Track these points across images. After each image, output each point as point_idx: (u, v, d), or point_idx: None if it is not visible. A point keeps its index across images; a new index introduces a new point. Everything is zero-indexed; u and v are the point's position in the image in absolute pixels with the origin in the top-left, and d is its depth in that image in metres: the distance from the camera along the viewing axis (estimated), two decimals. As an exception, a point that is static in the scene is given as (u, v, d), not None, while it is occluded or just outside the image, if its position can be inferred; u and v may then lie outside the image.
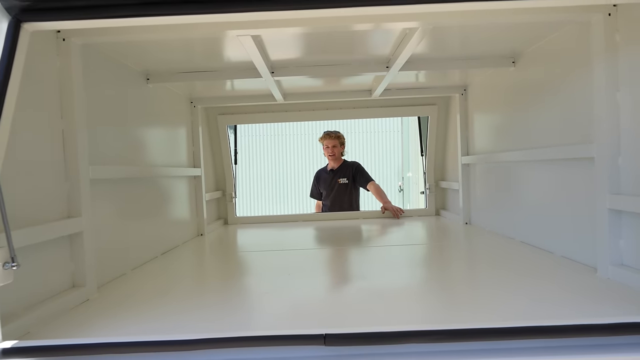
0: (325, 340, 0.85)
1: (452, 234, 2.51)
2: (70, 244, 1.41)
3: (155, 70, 2.14)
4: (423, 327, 0.88)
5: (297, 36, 1.73)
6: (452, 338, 0.86)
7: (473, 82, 2.72)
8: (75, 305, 1.34)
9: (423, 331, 0.86)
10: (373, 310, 1.20)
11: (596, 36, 1.40)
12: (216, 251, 2.37)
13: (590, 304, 1.17)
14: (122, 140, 1.88)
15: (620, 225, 1.38)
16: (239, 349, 0.88)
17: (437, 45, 1.94)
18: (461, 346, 0.87)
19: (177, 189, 2.52)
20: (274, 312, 1.25)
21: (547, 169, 1.84)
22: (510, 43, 1.95)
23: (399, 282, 1.55)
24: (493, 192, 2.44)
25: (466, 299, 1.31)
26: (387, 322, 1.07)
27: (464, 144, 2.80)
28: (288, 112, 3.26)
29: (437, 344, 0.87)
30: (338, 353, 0.87)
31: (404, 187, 8.84)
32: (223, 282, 1.65)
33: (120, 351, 0.88)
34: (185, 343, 0.86)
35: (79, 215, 1.41)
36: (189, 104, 2.84)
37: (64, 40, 1.41)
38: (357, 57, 2.05)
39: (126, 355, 0.89)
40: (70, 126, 1.42)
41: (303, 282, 1.57)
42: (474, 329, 0.85)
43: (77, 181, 1.42)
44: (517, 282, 1.44)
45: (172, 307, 1.31)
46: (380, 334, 0.86)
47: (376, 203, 3.48)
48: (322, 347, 0.85)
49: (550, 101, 1.78)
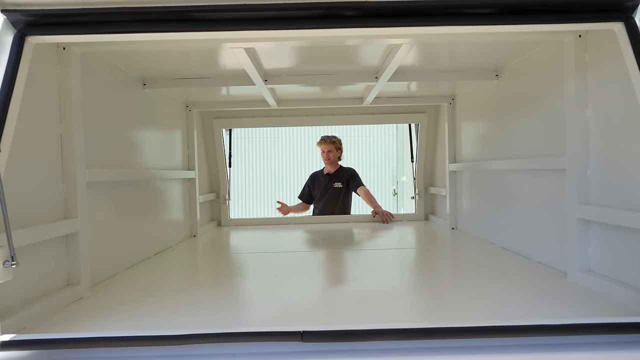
0: (302, 336, 0.92)
1: (437, 239, 2.59)
2: (66, 243, 1.48)
3: (151, 77, 2.21)
4: (392, 325, 0.95)
5: (289, 48, 1.81)
6: (418, 336, 0.93)
7: (461, 93, 2.81)
8: (70, 303, 1.40)
9: (392, 329, 0.94)
10: (352, 308, 1.28)
11: (567, 56, 1.49)
12: (207, 252, 2.44)
13: (550, 306, 1.26)
14: (118, 143, 1.95)
15: (589, 233, 1.47)
16: (220, 344, 0.95)
17: (425, 58, 2.04)
18: (427, 344, 0.95)
19: (171, 191, 2.59)
20: (259, 310, 1.32)
21: (525, 178, 1.93)
22: (494, 57, 2.04)
23: (377, 283, 1.63)
24: (477, 198, 2.53)
25: (435, 300, 1.40)
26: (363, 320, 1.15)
27: (452, 152, 2.89)
28: (282, 117, 3.34)
29: (405, 341, 0.95)
30: (314, 349, 0.94)
31: (398, 191, 8.93)
32: (211, 282, 1.72)
33: (108, 345, 0.94)
34: (169, 338, 0.93)
35: (75, 217, 1.48)
36: (185, 108, 2.91)
37: (64, 49, 1.48)
38: (348, 67, 2.14)
39: (114, 349, 0.96)
40: (68, 131, 1.48)
41: (287, 284, 1.64)
42: (437, 327, 0.92)
43: (74, 184, 1.48)
44: (486, 285, 1.53)
45: (159, 305, 1.38)
46: (353, 331, 0.94)
47: (367, 207, 3.55)
48: (300, 344, 0.93)
49: (530, 114, 1.87)
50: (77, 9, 1.14)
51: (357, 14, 1.10)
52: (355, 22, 1.12)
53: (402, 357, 0.93)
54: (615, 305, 1.23)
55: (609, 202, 1.36)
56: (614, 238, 1.36)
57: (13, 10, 1.12)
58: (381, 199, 9.05)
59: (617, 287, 1.27)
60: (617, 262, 1.34)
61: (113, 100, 1.93)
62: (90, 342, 0.95)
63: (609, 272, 1.38)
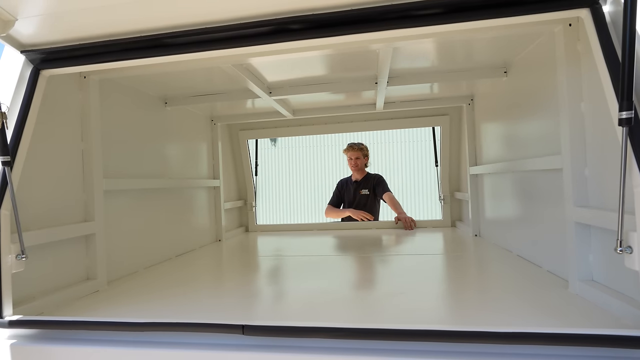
0: (243, 330, 0.98)
1: (456, 246, 2.47)
2: (86, 243, 1.70)
3: (171, 95, 2.44)
4: (332, 324, 0.97)
5: (288, 61, 1.90)
6: (359, 336, 0.93)
7: (478, 92, 2.68)
8: (86, 295, 1.61)
9: (332, 328, 0.95)
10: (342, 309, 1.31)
11: (558, 46, 1.38)
12: (227, 255, 2.58)
13: (541, 317, 1.16)
14: (142, 156, 2.18)
15: (590, 239, 1.33)
16: (170, 333, 1.04)
17: (424, 60, 1.99)
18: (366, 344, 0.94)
19: (196, 198, 2.80)
20: (257, 310, 1.39)
21: (536, 181, 1.79)
22: (500, 54, 1.94)
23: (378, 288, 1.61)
24: (497, 203, 2.38)
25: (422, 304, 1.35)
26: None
27: (472, 154, 2.76)
28: (302, 127, 3.43)
29: (346, 340, 0.95)
30: (255, 343, 0.99)
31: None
32: (221, 281, 1.84)
33: (76, 328, 1.10)
34: (127, 325, 1.05)
35: (92, 220, 1.70)
36: (210, 122, 3.14)
37: (85, 78, 1.72)
38: (348, 75, 2.17)
39: (84, 331, 1.11)
40: (88, 147, 1.71)
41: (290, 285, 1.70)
42: (386, 329, 0.92)
43: (92, 192, 1.71)
44: (485, 294, 1.44)
45: (161, 300, 1.51)
46: (292, 327, 0.97)
47: (390, 214, 3.49)
48: (241, 336, 0.98)
49: (539, 110, 1.74)
50: (81, 44, 1.34)
51: (306, 27, 1.15)
52: (305, 34, 1.16)
53: (343, 356, 0.94)
54: (614, 319, 1.10)
55: (610, 205, 1.23)
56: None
57: (31, 50, 1.35)
58: (427, 206, 8.78)
59: (616, 300, 1.14)
60: (622, 271, 1.20)
61: (136, 119, 2.17)
62: (64, 325, 1.11)
63: (612, 283, 1.24)
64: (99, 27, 1.30)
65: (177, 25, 1.26)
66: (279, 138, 9.48)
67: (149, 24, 1.27)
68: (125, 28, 1.29)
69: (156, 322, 1.04)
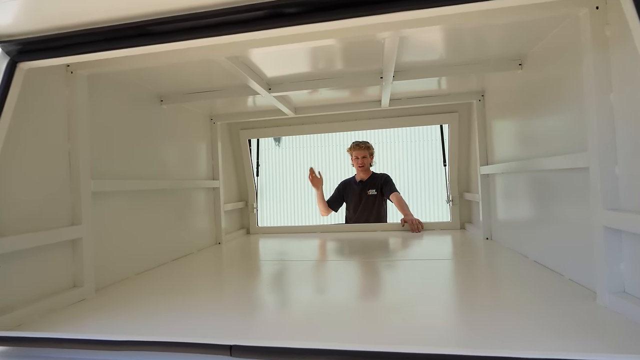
0: (231, 351, 0.86)
1: (466, 251, 2.33)
2: (72, 248, 1.60)
3: (167, 92, 2.33)
4: (332, 345, 0.85)
5: (288, 54, 1.78)
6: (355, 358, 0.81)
7: (489, 87, 2.54)
8: (72, 304, 1.50)
9: (329, 350, 0.83)
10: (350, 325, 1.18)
11: (584, 32, 1.25)
12: (226, 259, 2.46)
13: (565, 335, 1.03)
14: (136, 156, 2.08)
15: (621, 245, 1.19)
16: (149, 352, 0.93)
17: (439, 50, 1.86)
18: None
19: (193, 199, 2.69)
20: (248, 324, 1.27)
21: (555, 181, 1.65)
22: (514, 45, 1.81)
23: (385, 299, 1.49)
24: (511, 204, 2.24)
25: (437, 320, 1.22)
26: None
27: (483, 153, 2.62)
28: (305, 125, 3.32)
29: None
30: (244, 366, 0.87)
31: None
32: (218, 289, 1.72)
33: (53, 345, 0.98)
34: (108, 343, 0.93)
35: (79, 223, 1.59)
36: (209, 121, 3.03)
37: (72, 73, 1.62)
38: (352, 69, 2.04)
39: (58, 350, 1.00)
40: (75, 147, 1.61)
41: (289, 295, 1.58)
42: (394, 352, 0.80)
43: (79, 194, 1.60)
44: (500, 306, 1.31)
45: (152, 310, 1.40)
46: (287, 349, 0.85)
47: (397, 216, 3.36)
48: (229, 358, 0.87)
49: (560, 104, 1.60)
50: (60, 33, 1.23)
51: (303, 10, 1.03)
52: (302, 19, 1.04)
53: None
54: None
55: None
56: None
57: (6, 41, 1.25)
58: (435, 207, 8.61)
59: None
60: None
61: (130, 117, 2.06)
62: (35, 342, 1.00)
63: None
64: (79, 15, 1.19)
65: (162, 11, 1.14)
66: (282, 138, 9.38)
67: (133, 11, 1.16)
68: (108, 15, 1.18)
69: (133, 341, 0.93)
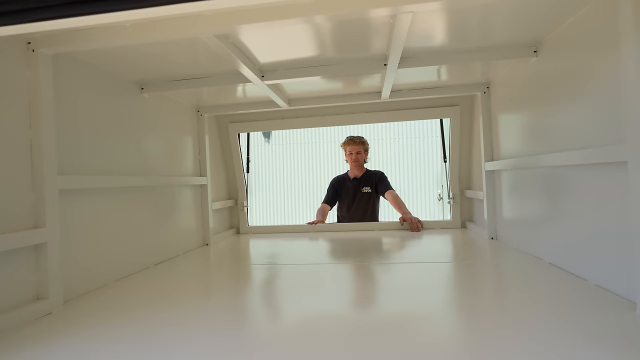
0: None
1: (471, 252, 2.20)
2: (35, 254, 1.39)
3: (149, 79, 2.12)
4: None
5: (283, 35, 1.60)
6: None
7: (496, 78, 2.40)
8: (35, 319, 1.30)
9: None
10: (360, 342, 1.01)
11: (624, 8, 1.10)
12: (214, 263, 2.27)
13: (614, 357, 0.88)
14: (114, 150, 1.87)
15: (666, 250, 1.06)
16: None
17: (444, 36, 1.70)
18: None
19: (178, 198, 2.49)
20: (232, 345, 1.09)
21: (577, 177, 1.52)
22: (530, 29, 1.66)
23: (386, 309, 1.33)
24: (520, 202, 2.11)
25: (451, 337, 1.06)
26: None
27: (488, 148, 2.48)
28: (299, 119, 3.13)
29: None
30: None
31: (443, 195, 8.32)
32: (200, 300, 1.52)
33: None
34: None
35: (44, 226, 1.38)
36: (196, 113, 2.82)
37: (34, 52, 1.40)
38: (353, 55, 1.87)
39: None
40: (38, 137, 1.40)
41: (281, 306, 1.40)
42: None
43: (43, 191, 1.39)
44: (524, 319, 1.16)
45: (129, 327, 1.21)
46: None
47: (393, 214, 3.22)
48: None
49: (585, 94, 1.46)
50: None
51: None
52: None
53: None
54: None
55: None
56: None
57: None
58: (426, 205, 8.53)
59: None
60: None
61: (106, 106, 1.84)
62: None
63: None
64: None
65: None
66: (272, 133, 9.15)
67: None
68: None
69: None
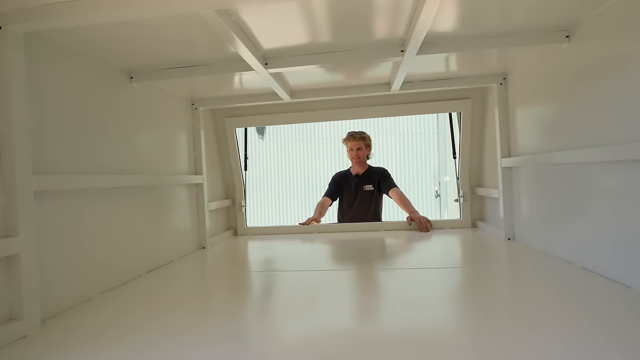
0: None
1: (489, 254, 2.05)
2: (7, 268, 1.19)
3: (138, 67, 1.91)
4: None
5: (289, 17, 1.42)
6: None
7: (515, 69, 2.25)
8: (7, 344, 1.11)
9: None
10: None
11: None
12: (210, 270, 2.09)
13: None
14: (99, 146, 1.67)
15: None
16: None
17: (467, 20, 1.54)
18: None
19: (172, 198, 2.29)
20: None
21: (617, 173, 1.37)
22: (562, 11, 1.50)
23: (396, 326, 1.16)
24: (543, 201, 1.96)
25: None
26: None
27: (505, 144, 2.34)
28: (300, 113, 2.95)
29: None
30: None
31: (441, 193, 8.22)
32: (201, 313, 1.34)
33: None
34: None
35: (16, 235, 1.18)
36: (190, 106, 2.62)
37: (1, 29, 1.19)
38: (366, 40, 1.69)
39: None
40: (8, 129, 1.20)
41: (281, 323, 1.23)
42: None
43: (14, 193, 1.19)
44: (570, 336, 1.01)
45: (117, 351, 1.03)
46: None
47: (399, 213, 3.07)
48: None
49: (621, 84, 1.32)
50: None
51: None
52: None
53: None
54: None
55: None
56: None
57: None
58: (423, 202, 8.42)
59: None
60: None
61: (90, 97, 1.64)
62: None
63: None
64: None
65: None
66: (266, 130, 8.93)
67: None
68: None
69: None
